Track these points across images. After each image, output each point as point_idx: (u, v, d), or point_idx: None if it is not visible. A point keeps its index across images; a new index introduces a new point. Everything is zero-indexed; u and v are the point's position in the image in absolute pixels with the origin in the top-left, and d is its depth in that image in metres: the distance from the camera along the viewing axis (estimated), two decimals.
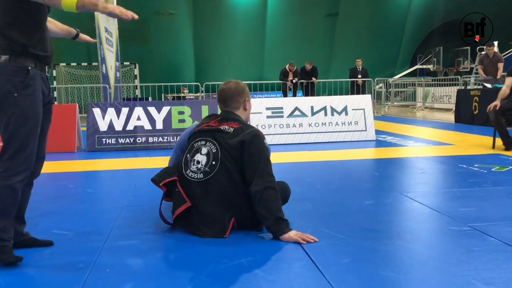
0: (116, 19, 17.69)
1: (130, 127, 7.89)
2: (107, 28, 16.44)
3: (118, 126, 7.86)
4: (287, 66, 16.17)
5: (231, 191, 3.08)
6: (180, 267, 2.56)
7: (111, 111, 7.89)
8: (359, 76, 15.85)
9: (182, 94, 21.16)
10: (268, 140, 8.05)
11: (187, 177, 3.14)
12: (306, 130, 8.22)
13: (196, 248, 2.83)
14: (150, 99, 18.35)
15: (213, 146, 3.14)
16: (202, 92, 16.81)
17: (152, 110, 7.98)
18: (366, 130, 8.30)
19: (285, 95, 16.54)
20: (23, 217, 2.91)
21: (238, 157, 3.08)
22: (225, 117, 3.28)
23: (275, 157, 6.69)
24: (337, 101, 8.46)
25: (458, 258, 2.57)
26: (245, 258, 2.64)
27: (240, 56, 22.53)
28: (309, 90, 15.90)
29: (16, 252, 2.70)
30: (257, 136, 3.10)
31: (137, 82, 21.10)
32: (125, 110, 7.91)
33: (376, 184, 4.59)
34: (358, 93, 15.91)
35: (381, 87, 20.64)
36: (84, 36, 3.30)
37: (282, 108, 8.27)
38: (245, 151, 3.06)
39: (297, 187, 4.51)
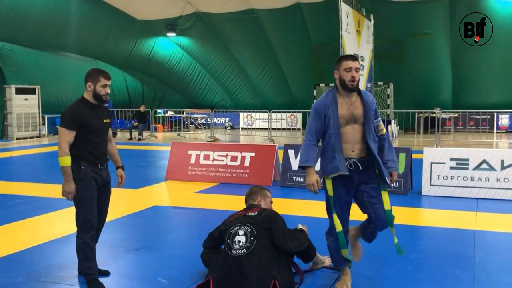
0: (371, 41, 18.60)
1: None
2: (358, 54, 17.38)
3: None
4: None
5: (268, 257, 4.05)
6: None
7: None
8: None
9: (432, 115, 20.72)
10: (449, 192, 7.85)
11: (233, 255, 4.07)
12: (493, 185, 7.68)
13: None
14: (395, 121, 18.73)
15: (247, 228, 4.20)
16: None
17: None
18: None
19: None
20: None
21: (268, 228, 4.17)
22: (248, 207, 4.64)
23: (445, 218, 6.61)
24: None
25: None
26: None
27: (504, 71, 20.59)
28: None
29: None
30: (274, 214, 4.35)
31: (389, 101, 21.60)
32: None
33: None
34: None
35: None
36: (120, 173, 4.69)
37: (468, 159, 7.91)
38: (273, 224, 4.21)
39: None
